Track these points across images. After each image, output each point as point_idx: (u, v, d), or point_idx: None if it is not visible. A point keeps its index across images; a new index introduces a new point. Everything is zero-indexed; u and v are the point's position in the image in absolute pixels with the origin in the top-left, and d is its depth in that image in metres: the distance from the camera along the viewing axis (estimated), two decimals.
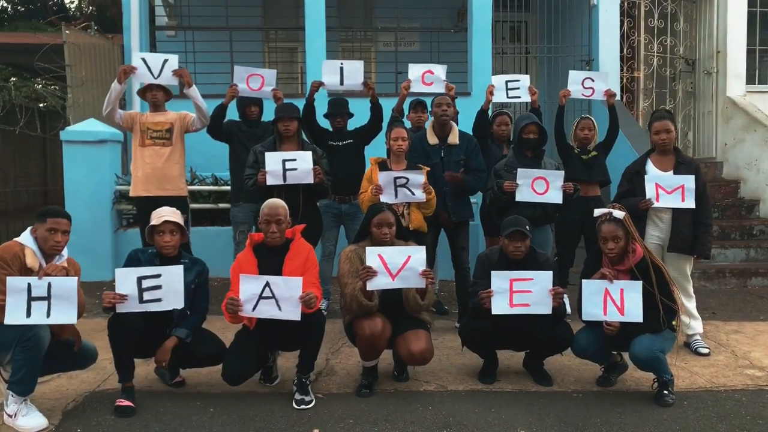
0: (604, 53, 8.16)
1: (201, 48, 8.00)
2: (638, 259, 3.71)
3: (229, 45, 8.07)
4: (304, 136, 4.82)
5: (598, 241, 3.81)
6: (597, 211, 3.87)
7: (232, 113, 5.44)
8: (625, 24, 8.42)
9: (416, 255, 3.51)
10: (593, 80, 5.47)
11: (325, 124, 5.53)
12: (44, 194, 12.19)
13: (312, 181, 4.46)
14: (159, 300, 3.36)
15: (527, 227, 3.76)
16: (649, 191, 4.39)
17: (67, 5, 17.19)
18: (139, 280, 3.33)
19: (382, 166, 4.66)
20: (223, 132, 5.31)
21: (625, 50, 8.44)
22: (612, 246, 3.70)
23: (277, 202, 3.70)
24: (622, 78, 8.39)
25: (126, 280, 3.33)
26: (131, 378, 3.51)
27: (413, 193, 4.45)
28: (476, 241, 6.45)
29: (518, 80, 5.42)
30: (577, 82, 5.46)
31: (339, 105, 5.46)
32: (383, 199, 4.41)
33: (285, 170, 4.41)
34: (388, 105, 5.56)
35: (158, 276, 3.36)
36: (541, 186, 4.54)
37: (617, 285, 3.61)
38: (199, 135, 5.39)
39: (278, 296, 3.37)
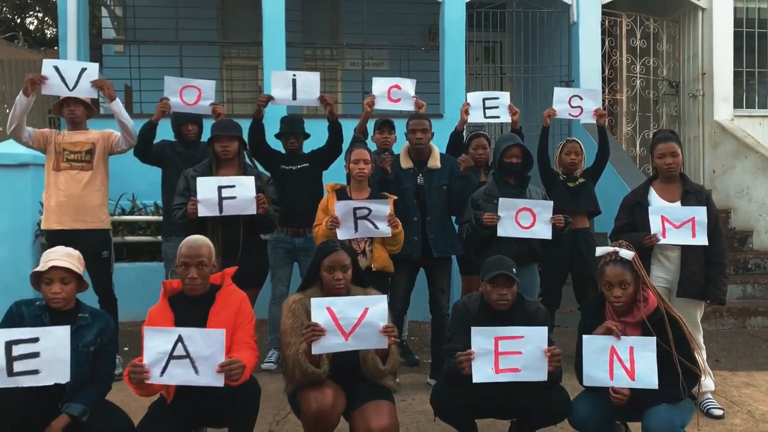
0: (585, 73, 7.61)
1: (151, 64, 7.23)
2: (651, 309, 3.02)
3: (179, 60, 7.34)
4: (247, 159, 4.06)
5: (601, 286, 3.12)
6: (599, 250, 3.18)
7: (167, 132, 4.68)
8: (607, 43, 7.91)
9: (375, 307, 2.77)
10: (581, 98, 4.84)
11: (276, 145, 4.80)
12: None
13: (254, 212, 3.71)
14: (36, 372, 2.56)
15: (514, 270, 3.05)
16: (654, 225, 3.74)
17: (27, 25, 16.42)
18: (9, 345, 2.53)
19: (341, 194, 3.94)
20: (153, 154, 4.54)
21: (606, 71, 7.91)
22: (619, 293, 3.01)
23: (198, 240, 2.94)
24: (603, 100, 7.84)
25: None
26: None
27: (376, 227, 3.72)
28: (450, 279, 5.72)
29: (497, 98, 4.78)
30: (563, 101, 4.83)
31: (293, 124, 4.75)
32: (340, 234, 3.68)
33: (221, 199, 3.66)
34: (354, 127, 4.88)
35: (35, 340, 2.56)
36: (526, 219, 3.85)
37: (626, 342, 2.91)
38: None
39: (194, 355, 2.61)
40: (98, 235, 4.31)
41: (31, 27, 16.60)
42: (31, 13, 16.76)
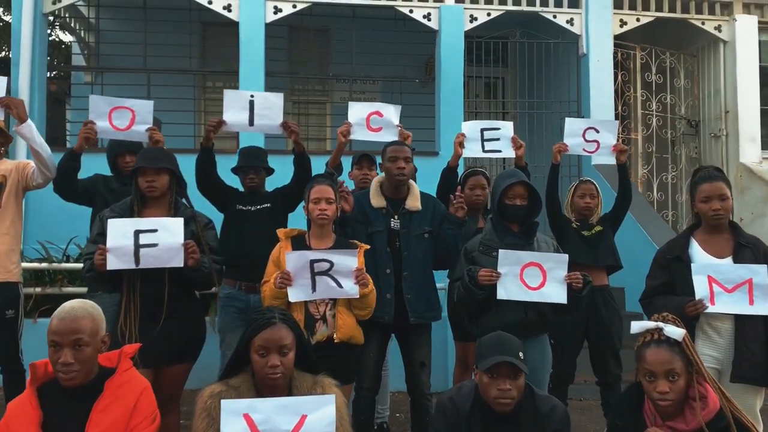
0: (596, 110, 6.89)
1: (122, 94, 6.51)
2: (712, 413, 2.15)
3: (147, 90, 6.65)
4: (184, 199, 3.24)
5: (639, 376, 2.26)
6: (635, 326, 2.33)
7: (98, 165, 3.90)
8: (620, 77, 7.20)
9: (318, 413, 1.91)
10: (597, 131, 4.08)
11: (234, 181, 4.01)
12: None
13: (180, 264, 2.88)
14: None
15: (521, 355, 2.20)
16: (700, 288, 2.90)
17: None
18: None
19: (298, 241, 3.10)
20: (81, 190, 3.73)
21: (620, 108, 7.18)
22: (665, 388, 2.16)
23: (75, 310, 2.13)
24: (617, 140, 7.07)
25: None
26: None
27: (340, 285, 2.88)
28: (444, 346, 4.85)
29: (498, 128, 4.02)
30: (576, 134, 4.06)
31: (253, 156, 3.95)
32: (293, 294, 2.85)
33: (138, 247, 2.83)
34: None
35: None
36: (534, 277, 3.01)
37: None
38: None
39: None
40: (2, 290, 3.48)
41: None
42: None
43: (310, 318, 2.90)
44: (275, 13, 6.62)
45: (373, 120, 3.83)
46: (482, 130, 3.98)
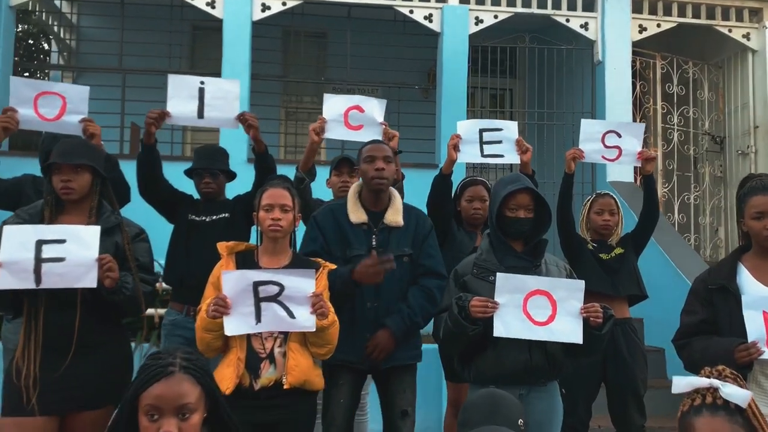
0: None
1: (102, 95, 6.01)
2: None
3: (122, 91, 6.13)
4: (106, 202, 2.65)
5: None
6: (679, 384, 1.70)
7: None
8: (638, 88, 6.61)
9: None
10: (620, 135, 3.48)
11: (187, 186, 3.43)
12: None
13: (93, 285, 2.27)
14: None
15: (521, 421, 1.57)
16: (753, 328, 2.31)
17: None
18: None
19: (244, 258, 2.50)
20: (2, 192, 3.17)
21: (638, 120, 6.57)
22: None
23: None
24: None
25: None
26: None
27: (292, 315, 2.26)
28: (438, 384, 4.18)
29: (500, 129, 3.44)
30: (594, 138, 3.47)
31: (209, 157, 3.37)
32: (231, 327, 2.24)
33: (40, 262, 2.23)
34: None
35: None
36: (541, 309, 2.39)
37: None
38: None
39: None
40: None
41: None
42: None
43: (253, 356, 2.29)
44: (263, 11, 6.11)
45: (352, 116, 3.26)
46: (481, 130, 3.40)
